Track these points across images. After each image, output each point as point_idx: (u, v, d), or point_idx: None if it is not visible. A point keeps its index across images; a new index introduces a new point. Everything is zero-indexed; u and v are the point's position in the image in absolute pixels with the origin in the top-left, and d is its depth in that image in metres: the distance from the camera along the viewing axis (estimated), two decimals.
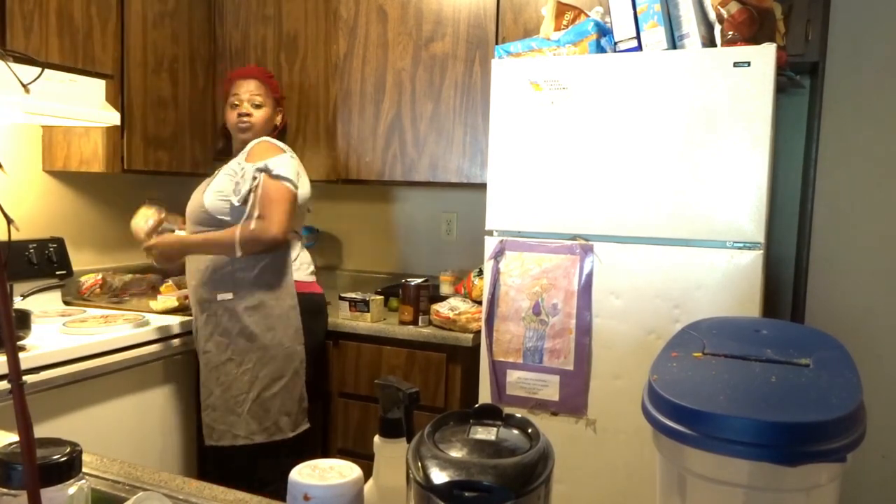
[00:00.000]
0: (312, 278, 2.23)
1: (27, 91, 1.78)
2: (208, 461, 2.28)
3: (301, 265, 2.18)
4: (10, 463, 0.60)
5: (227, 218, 2.07)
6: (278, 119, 2.34)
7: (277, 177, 2.02)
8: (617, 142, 1.81)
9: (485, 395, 1.99)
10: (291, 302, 2.09)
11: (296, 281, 2.12)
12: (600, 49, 1.91)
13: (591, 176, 1.85)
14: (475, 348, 2.11)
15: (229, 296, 2.05)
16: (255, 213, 2.00)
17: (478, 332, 2.12)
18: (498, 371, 1.96)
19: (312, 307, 2.18)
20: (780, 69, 1.81)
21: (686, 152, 1.74)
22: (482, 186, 2.07)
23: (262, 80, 2.28)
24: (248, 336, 2.04)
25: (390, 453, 0.71)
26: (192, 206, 2.15)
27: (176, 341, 2.18)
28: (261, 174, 2.03)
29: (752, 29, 1.78)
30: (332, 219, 3.01)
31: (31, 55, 1.94)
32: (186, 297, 2.36)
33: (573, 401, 1.88)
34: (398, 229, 2.92)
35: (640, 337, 1.80)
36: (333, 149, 2.60)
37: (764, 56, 1.66)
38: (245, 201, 2.03)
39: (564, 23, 2.03)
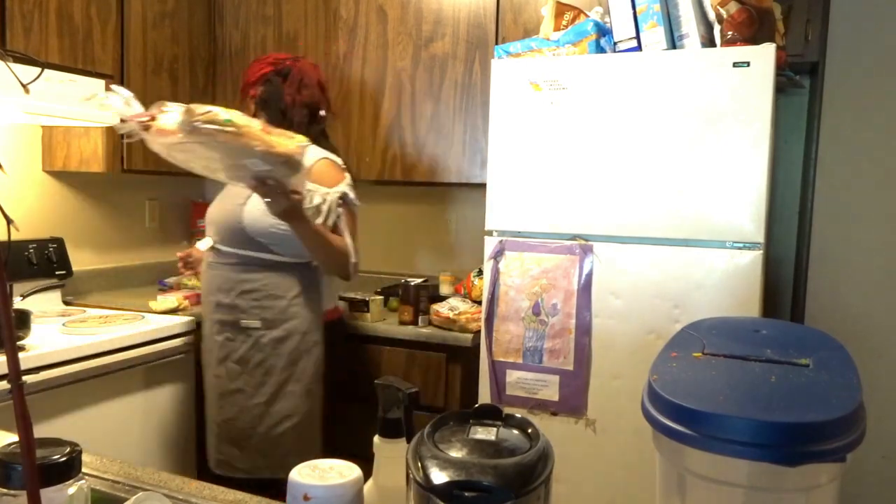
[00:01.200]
0: (337, 302, 2.17)
1: (27, 91, 1.77)
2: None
3: (334, 292, 2.10)
4: (9, 463, 0.60)
5: (264, 240, 1.84)
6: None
7: (352, 204, 1.94)
8: (616, 142, 1.81)
9: (484, 395, 1.99)
10: (317, 337, 1.91)
11: (326, 311, 2.00)
12: (600, 49, 1.91)
13: (590, 176, 1.85)
14: (475, 348, 2.11)
15: (256, 324, 1.84)
16: (349, 241, 1.90)
17: (477, 332, 2.11)
18: (498, 371, 1.96)
19: (339, 334, 2.11)
20: (780, 69, 1.81)
21: (686, 152, 1.74)
22: (482, 186, 2.06)
23: None
24: (266, 370, 1.85)
25: (390, 453, 0.71)
26: (222, 219, 1.91)
27: (176, 341, 2.18)
28: (341, 201, 1.90)
29: (751, 29, 1.78)
30: None
31: (31, 55, 1.94)
32: (187, 298, 2.36)
33: (573, 401, 1.88)
34: (398, 229, 2.92)
35: (639, 337, 1.80)
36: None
37: (763, 56, 1.66)
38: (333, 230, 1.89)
39: (564, 23, 2.03)
